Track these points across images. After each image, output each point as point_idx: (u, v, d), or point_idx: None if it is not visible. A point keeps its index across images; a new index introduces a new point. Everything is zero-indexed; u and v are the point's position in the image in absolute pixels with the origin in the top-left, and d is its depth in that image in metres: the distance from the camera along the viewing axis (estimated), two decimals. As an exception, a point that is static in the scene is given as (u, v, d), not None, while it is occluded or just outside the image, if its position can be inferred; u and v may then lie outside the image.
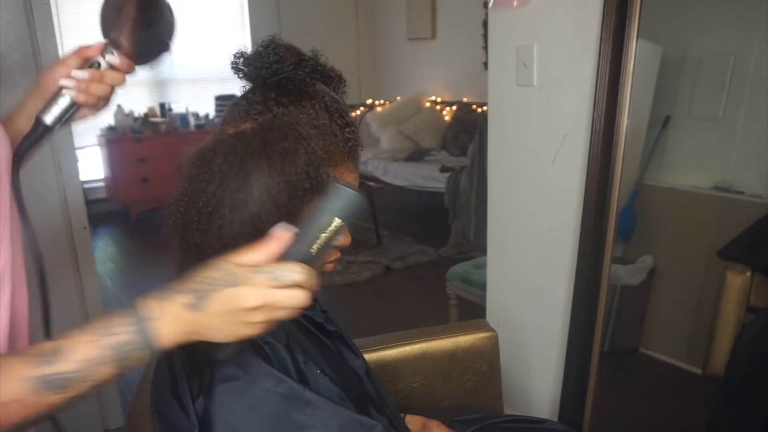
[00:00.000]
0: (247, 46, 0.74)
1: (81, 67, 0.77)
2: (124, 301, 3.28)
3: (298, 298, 0.57)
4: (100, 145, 4.76)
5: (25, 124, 0.78)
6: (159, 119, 4.94)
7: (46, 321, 0.80)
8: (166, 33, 0.77)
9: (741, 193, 1.72)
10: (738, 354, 1.35)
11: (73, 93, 0.76)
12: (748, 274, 1.37)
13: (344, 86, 0.78)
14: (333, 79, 0.76)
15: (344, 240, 0.77)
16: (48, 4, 1.73)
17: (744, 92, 1.72)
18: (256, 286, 0.55)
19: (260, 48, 0.72)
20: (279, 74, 0.71)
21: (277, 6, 5.07)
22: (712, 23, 1.74)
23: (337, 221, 0.58)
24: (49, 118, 0.76)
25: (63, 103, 0.76)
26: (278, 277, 0.56)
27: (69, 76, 0.76)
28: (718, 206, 1.78)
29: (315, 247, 0.58)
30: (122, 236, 4.64)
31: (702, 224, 1.84)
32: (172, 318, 0.56)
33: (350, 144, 0.74)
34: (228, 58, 0.74)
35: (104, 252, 4.15)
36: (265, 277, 0.55)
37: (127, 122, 4.74)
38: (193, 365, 0.72)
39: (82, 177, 2.06)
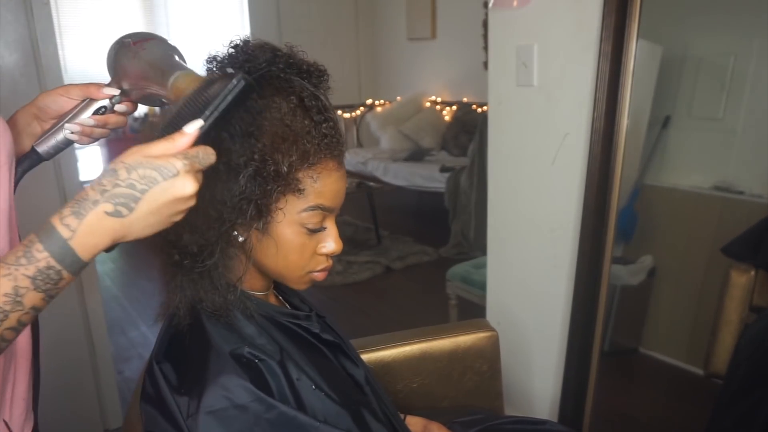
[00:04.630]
0: (219, 49, 0.71)
1: (84, 107, 0.77)
2: (123, 301, 3.28)
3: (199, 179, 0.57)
4: (100, 145, 4.76)
5: (15, 137, 0.77)
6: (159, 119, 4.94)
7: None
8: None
9: (741, 193, 1.72)
10: (740, 353, 1.35)
11: (76, 137, 0.77)
12: (753, 272, 1.36)
13: (326, 80, 0.73)
14: (312, 73, 0.72)
15: (335, 247, 0.76)
16: (48, 4, 1.73)
17: (744, 92, 1.72)
18: (188, 174, 0.54)
19: (230, 49, 0.70)
20: (252, 73, 0.67)
21: (277, 6, 5.06)
22: (712, 23, 1.74)
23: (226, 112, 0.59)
24: (44, 151, 0.78)
25: (62, 140, 0.77)
26: (201, 161, 0.56)
27: (74, 120, 0.76)
28: (719, 206, 1.78)
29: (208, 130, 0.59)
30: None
31: (702, 224, 1.84)
32: (93, 230, 0.53)
33: (327, 140, 0.70)
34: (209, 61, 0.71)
35: (104, 252, 4.14)
36: (190, 163, 0.54)
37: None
38: (182, 385, 0.69)
39: (82, 177, 2.05)
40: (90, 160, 4.80)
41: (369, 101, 5.65)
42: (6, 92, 1.68)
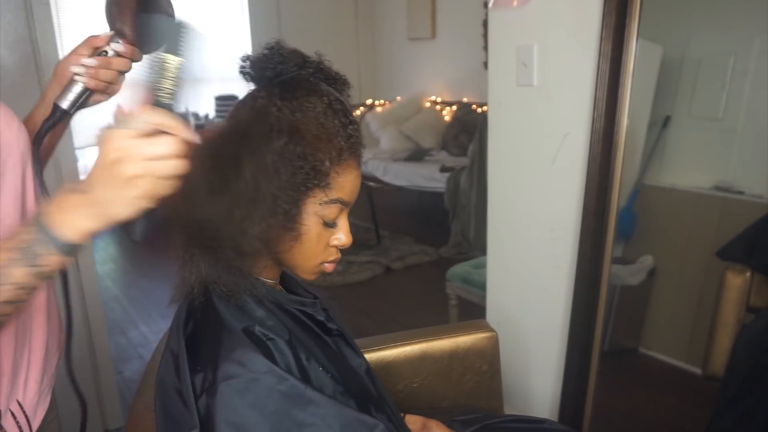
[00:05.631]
0: (252, 50, 0.76)
1: (91, 56, 0.84)
2: (124, 302, 3.28)
3: (162, 142, 0.58)
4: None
5: (45, 113, 0.85)
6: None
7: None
8: (164, 19, 0.82)
9: (741, 193, 1.72)
10: (738, 354, 1.35)
11: (84, 79, 0.83)
12: (748, 274, 1.37)
13: (348, 89, 0.80)
14: (337, 81, 0.78)
15: (345, 239, 0.79)
16: (48, 4, 1.73)
17: (744, 92, 1.72)
18: (115, 139, 0.57)
19: (265, 50, 0.74)
20: (283, 75, 0.73)
21: (277, 6, 5.07)
22: (712, 23, 1.74)
23: (171, 58, 0.62)
24: (64, 104, 0.84)
25: (76, 89, 0.84)
26: (129, 124, 0.58)
27: (80, 64, 0.83)
28: (718, 206, 1.78)
29: (167, 93, 0.62)
30: (123, 236, 4.64)
31: (702, 224, 1.84)
32: (67, 207, 0.59)
33: (352, 140, 0.75)
34: (228, 58, 0.77)
35: (104, 252, 4.15)
36: (119, 130, 0.58)
37: (127, 122, 4.74)
38: (197, 363, 0.72)
39: (82, 177, 2.05)
40: (90, 160, 4.80)
41: (369, 101, 5.65)
42: (6, 92, 1.68)
